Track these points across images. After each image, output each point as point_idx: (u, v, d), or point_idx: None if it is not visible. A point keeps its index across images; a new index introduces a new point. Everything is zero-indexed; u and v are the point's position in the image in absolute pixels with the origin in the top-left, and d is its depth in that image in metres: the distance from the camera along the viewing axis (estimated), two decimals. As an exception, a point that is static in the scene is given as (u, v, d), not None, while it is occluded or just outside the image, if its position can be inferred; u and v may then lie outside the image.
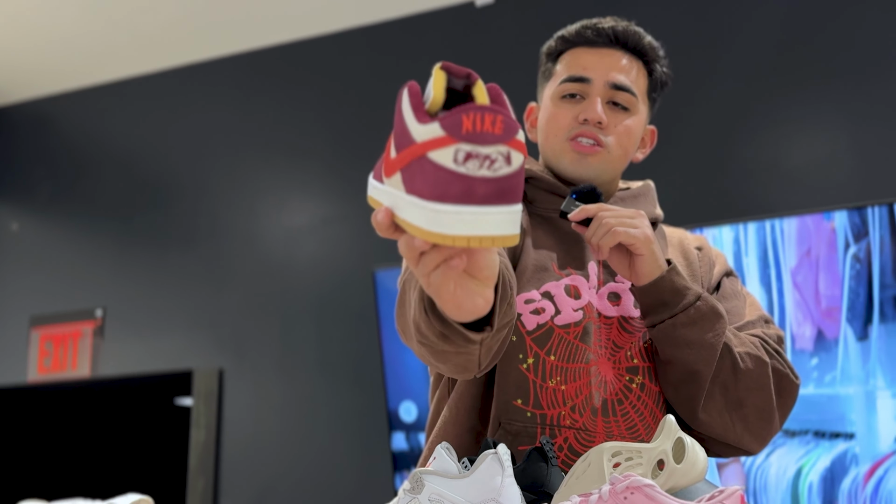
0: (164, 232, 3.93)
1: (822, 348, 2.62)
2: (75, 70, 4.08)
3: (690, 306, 1.38)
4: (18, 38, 3.81)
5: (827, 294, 2.63)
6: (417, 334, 1.20)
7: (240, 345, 3.68)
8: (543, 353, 1.43)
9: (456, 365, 1.23)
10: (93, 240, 4.07)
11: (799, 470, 2.62)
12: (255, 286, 3.70)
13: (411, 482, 1.00)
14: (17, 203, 4.29)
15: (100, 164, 4.14)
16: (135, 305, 3.91)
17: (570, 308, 1.45)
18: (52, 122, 4.29)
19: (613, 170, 1.57)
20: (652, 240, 1.38)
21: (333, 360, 3.49)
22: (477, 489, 0.98)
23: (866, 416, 2.57)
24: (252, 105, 3.87)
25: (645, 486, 0.89)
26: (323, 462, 3.43)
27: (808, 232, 2.68)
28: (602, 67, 1.54)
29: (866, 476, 2.55)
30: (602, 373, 1.44)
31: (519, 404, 1.42)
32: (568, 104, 1.55)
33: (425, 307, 1.13)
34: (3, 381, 4.12)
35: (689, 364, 1.40)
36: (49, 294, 4.10)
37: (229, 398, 3.66)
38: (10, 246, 4.25)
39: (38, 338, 4.07)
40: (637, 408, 1.44)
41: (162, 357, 3.81)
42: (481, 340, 1.13)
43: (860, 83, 2.91)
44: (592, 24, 1.57)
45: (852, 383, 2.59)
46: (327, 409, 3.47)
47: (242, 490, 3.56)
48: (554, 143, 1.56)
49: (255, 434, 3.59)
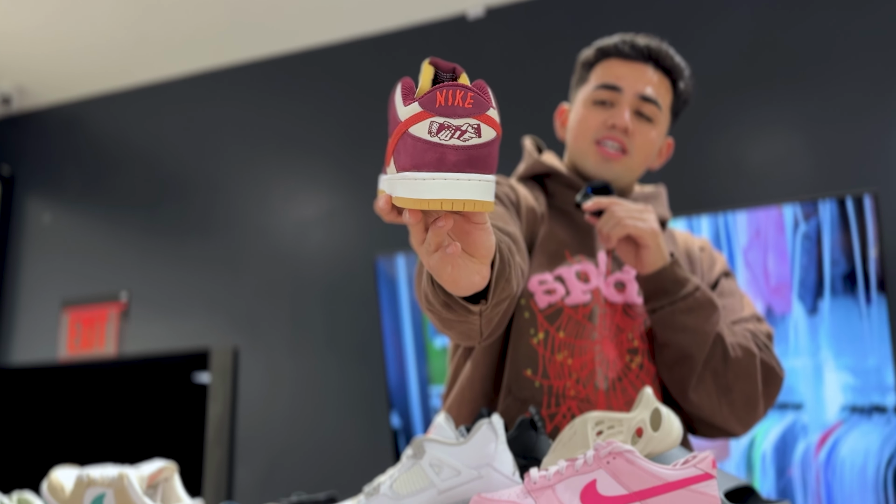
0: (184, 222, 3.93)
1: (772, 323, 2.58)
2: (102, 76, 4.06)
3: (689, 295, 1.40)
4: (51, 47, 3.80)
5: (776, 272, 2.63)
6: (426, 303, 1.20)
7: (253, 325, 3.68)
8: (553, 330, 1.45)
9: (460, 333, 1.23)
10: (118, 230, 4.06)
11: (752, 440, 2.60)
12: (267, 272, 3.70)
13: (413, 448, 1.00)
14: (49, 196, 4.28)
15: (124, 161, 4.14)
16: (157, 289, 3.91)
17: (579, 291, 1.47)
18: (81, 123, 4.28)
19: (632, 175, 1.58)
20: (657, 233, 1.40)
21: (339, 338, 3.50)
22: (473, 455, 0.98)
23: (814, 388, 2.55)
24: (264, 107, 3.86)
25: (625, 452, 0.89)
26: (329, 432, 3.44)
27: (757, 215, 2.68)
28: (633, 79, 1.55)
29: (818, 445, 2.54)
30: (606, 352, 1.46)
31: (528, 374, 1.43)
32: (598, 109, 1.55)
33: (432, 279, 1.14)
34: (36, 360, 4.12)
35: (684, 348, 1.41)
36: (78, 279, 4.10)
37: (244, 375, 3.66)
38: (43, 235, 4.25)
39: (67, 319, 4.07)
40: (635, 385, 1.45)
41: (182, 337, 3.82)
42: (480, 312, 1.14)
43: (813, 88, 2.92)
44: (629, 40, 1.58)
45: (801, 356, 2.56)
46: (333, 384, 3.48)
47: (256, 459, 3.57)
48: (581, 143, 1.57)
49: (268, 407, 3.59)
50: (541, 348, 1.44)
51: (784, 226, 2.62)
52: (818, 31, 2.96)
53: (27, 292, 4.21)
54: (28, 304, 4.20)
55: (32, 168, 4.35)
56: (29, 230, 4.29)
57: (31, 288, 4.21)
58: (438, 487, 0.97)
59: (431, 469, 0.98)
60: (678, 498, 0.86)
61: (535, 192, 1.58)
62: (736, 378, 1.43)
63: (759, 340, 1.48)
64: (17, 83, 4.16)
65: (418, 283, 1.29)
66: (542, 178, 1.61)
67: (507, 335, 1.47)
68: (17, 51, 3.86)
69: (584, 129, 1.56)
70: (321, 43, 3.78)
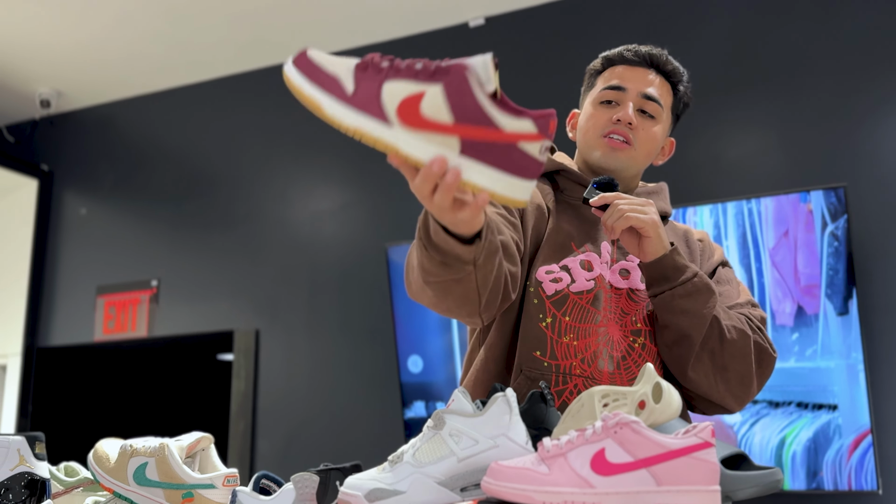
0: (209, 215, 3.92)
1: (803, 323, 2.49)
2: (133, 81, 4.06)
3: (688, 281, 1.40)
4: (85, 55, 3.79)
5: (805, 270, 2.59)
6: (423, 274, 1.23)
7: (273, 309, 3.68)
8: (560, 315, 1.46)
9: (459, 297, 1.25)
10: (148, 222, 4.06)
11: (783, 439, 2.51)
12: (286, 260, 3.70)
13: (434, 420, 1.00)
14: (85, 192, 4.28)
15: (154, 159, 4.13)
16: (184, 276, 3.91)
17: (583, 278, 1.48)
18: (114, 124, 4.27)
19: (636, 166, 1.59)
20: (658, 225, 1.40)
21: (352, 321, 3.50)
22: (489, 426, 0.98)
23: (849, 389, 2.45)
24: (282, 110, 3.85)
25: (631, 423, 0.89)
26: (343, 407, 3.44)
27: (783, 212, 2.66)
28: (636, 81, 1.57)
29: (850, 448, 2.45)
30: (611, 334, 1.46)
31: (538, 355, 1.44)
32: (605, 108, 1.57)
33: (425, 245, 1.18)
34: (74, 341, 4.12)
35: (683, 329, 1.41)
36: (112, 267, 4.09)
37: (264, 354, 3.66)
38: (79, 228, 4.25)
39: (102, 304, 4.07)
40: (638, 363, 1.46)
41: (207, 320, 3.82)
42: (474, 259, 1.17)
43: (785, 92, 2.92)
44: (633, 48, 1.61)
45: (833, 357, 2.45)
46: (347, 362, 3.48)
47: (276, 431, 3.57)
48: (590, 138, 1.58)
49: (286, 384, 3.59)
50: (549, 331, 1.45)
51: (813, 223, 2.54)
52: (791, 40, 2.95)
53: (65, 280, 4.21)
54: (66, 291, 4.19)
55: (69, 165, 4.34)
56: (66, 223, 4.28)
57: (69, 276, 4.20)
58: (458, 455, 0.97)
59: (451, 439, 0.97)
60: (681, 464, 0.86)
61: (545, 188, 1.59)
62: (731, 358, 1.42)
63: (754, 324, 1.48)
64: (56, 88, 4.15)
65: (408, 275, 1.33)
66: (553, 175, 1.62)
67: (517, 321, 1.48)
68: (56, 59, 3.85)
69: (592, 125, 1.57)
70: (336, 50, 3.77)
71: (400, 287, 3.17)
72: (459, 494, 0.96)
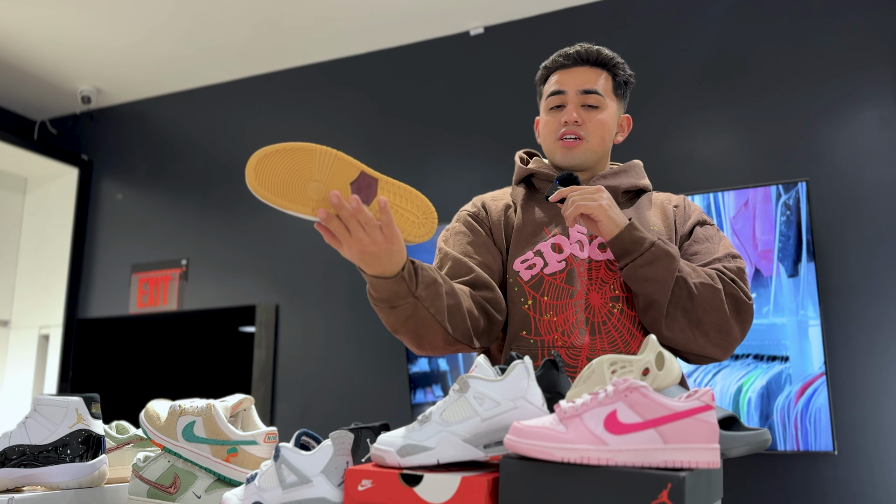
0: (234, 201, 3.90)
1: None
2: (165, 80, 4.03)
3: (646, 251, 1.39)
4: (123, 56, 3.76)
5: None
6: (391, 329, 1.35)
7: (292, 286, 3.67)
8: (539, 296, 1.47)
9: (424, 333, 1.36)
10: (178, 207, 4.04)
11: (740, 387, 2.53)
12: (304, 242, 3.69)
13: (459, 384, 0.99)
14: (121, 179, 4.25)
15: (184, 150, 4.10)
16: (211, 256, 3.89)
17: (555, 260, 1.50)
18: (149, 118, 4.24)
19: (595, 154, 1.59)
20: (606, 208, 1.40)
21: (363, 298, 3.49)
22: (509, 389, 0.97)
23: (799, 342, 2.47)
24: (298, 107, 3.83)
25: (640, 387, 0.88)
26: (353, 374, 3.44)
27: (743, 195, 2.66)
28: (572, 81, 1.58)
29: (798, 393, 2.48)
30: (591, 302, 1.46)
31: (524, 335, 1.45)
32: (554, 113, 1.59)
33: (375, 304, 1.31)
34: (111, 313, 4.10)
35: (649, 294, 1.41)
36: (145, 248, 4.07)
37: (283, 326, 3.65)
38: (116, 211, 4.22)
39: (137, 280, 4.05)
40: (617, 327, 1.45)
41: (232, 295, 3.80)
42: (411, 291, 1.28)
43: (752, 96, 2.91)
44: (563, 52, 1.61)
45: (784, 314, 2.47)
46: (358, 335, 3.47)
47: (293, 395, 3.57)
48: (548, 143, 1.60)
49: (303, 353, 3.59)
50: (531, 312, 1.47)
51: (769, 195, 2.54)
52: (758, 50, 2.95)
53: (102, 258, 4.19)
54: (103, 268, 4.17)
55: (107, 155, 4.31)
56: (104, 207, 4.26)
57: (106, 255, 4.18)
58: (481, 416, 0.96)
59: (475, 401, 0.97)
60: (685, 425, 0.86)
61: (518, 191, 1.63)
62: (704, 311, 1.41)
63: (727, 276, 1.46)
64: (96, 86, 4.12)
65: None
66: (530, 178, 1.65)
67: (506, 308, 1.51)
68: (96, 60, 3.82)
69: (547, 133, 1.60)
70: (346, 55, 3.75)
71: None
72: (483, 451, 0.96)
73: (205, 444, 1.20)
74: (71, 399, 1.27)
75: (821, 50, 2.85)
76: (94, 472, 1.25)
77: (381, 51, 3.67)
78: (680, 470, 0.84)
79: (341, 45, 3.66)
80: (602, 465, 0.85)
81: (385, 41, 3.62)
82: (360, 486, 0.97)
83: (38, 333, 4.23)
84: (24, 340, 4.25)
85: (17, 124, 4.39)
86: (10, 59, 3.83)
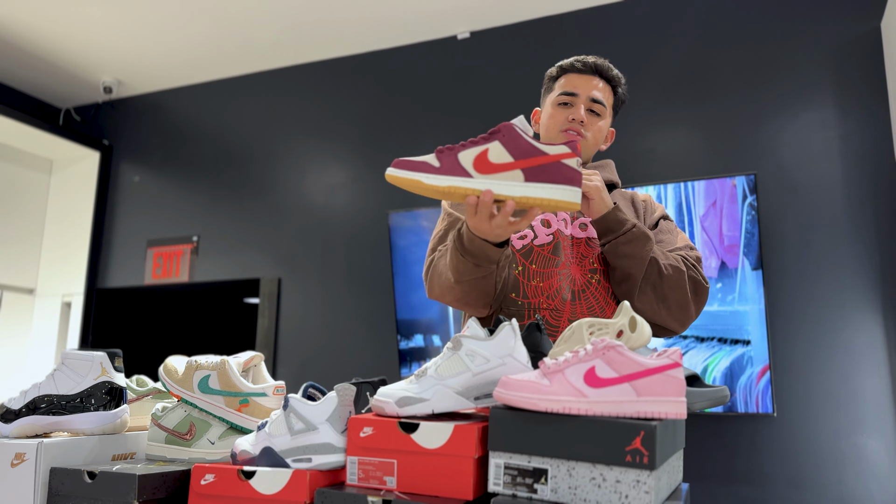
0: (241, 184, 3.86)
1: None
2: (181, 72, 3.97)
3: (628, 231, 1.41)
4: (142, 50, 3.69)
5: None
6: (456, 275, 1.35)
7: (293, 261, 3.64)
8: (528, 263, 1.48)
9: (480, 292, 1.38)
10: (190, 188, 3.99)
11: (706, 367, 2.53)
12: (304, 222, 3.66)
13: (453, 343, 0.98)
14: (139, 163, 4.18)
15: (196, 138, 4.05)
16: (220, 234, 3.85)
17: (543, 233, 1.50)
18: (164, 108, 4.18)
19: (588, 153, 1.61)
20: (600, 189, 1.42)
21: (357, 275, 3.47)
22: (498, 347, 0.96)
23: (760, 328, 2.48)
24: (303, 100, 3.79)
25: (616, 346, 0.88)
26: (348, 343, 3.43)
27: (714, 189, 2.66)
28: (585, 87, 1.57)
29: (759, 374, 2.49)
30: (573, 273, 1.47)
31: (513, 297, 1.45)
32: (562, 109, 1.58)
33: (461, 253, 1.30)
34: (127, 284, 4.05)
35: (626, 269, 1.41)
36: (160, 225, 4.02)
37: (285, 298, 3.63)
38: (133, 192, 4.16)
39: (152, 255, 4.00)
40: (595, 296, 1.46)
41: (238, 269, 3.77)
42: (499, 260, 1.28)
43: (708, 99, 2.92)
44: (581, 59, 1.60)
45: (748, 303, 2.47)
46: (352, 308, 3.46)
47: (293, 360, 3.55)
48: (552, 132, 1.59)
49: (302, 323, 3.56)
50: (521, 277, 1.47)
51: (736, 196, 2.54)
52: (713, 59, 2.95)
53: (121, 235, 4.13)
54: (122, 244, 4.11)
55: (126, 141, 4.24)
56: (123, 188, 4.19)
57: (124, 231, 4.12)
58: (473, 371, 0.95)
59: (467, 357, 0.96)
60: (656, 380, 0.85)
61: None
62: (670, 289, 1.43)
63: (689, 262, 1.49)
64: (117, 77, 4.04)
65: (434, 277, 1.45)
66: None
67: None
68: (118, 53, 3.76)
69: (553, 123, 1.58)
70: (346, 55, 3.71)
71: (398, 245, 3.14)
72: (473, 402, 0.95)
73: (219, 396, 1.18)
74: (96, 353, 1.25)
75: (769, 58, 2.85)
76: (117, 420, 1.23)
77: (371, 52, 3.63)
78: (651, 420, 0.83)
79: (341, 46, 3.61)
80: (582, 414, 0.84)
81: (374, 44, 3.57)
82: (362, 432, 0.96)
83: (61, 301, 4.17)
84: (49, 307, 4.19)
85: (44, 111, 4.31)
86: (40, 52, 3.75)
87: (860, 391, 2.53)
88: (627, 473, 0.81)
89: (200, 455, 1.17)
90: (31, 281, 4.23)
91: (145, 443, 1.26)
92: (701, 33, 2.99)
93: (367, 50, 3.65)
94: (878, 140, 2.65)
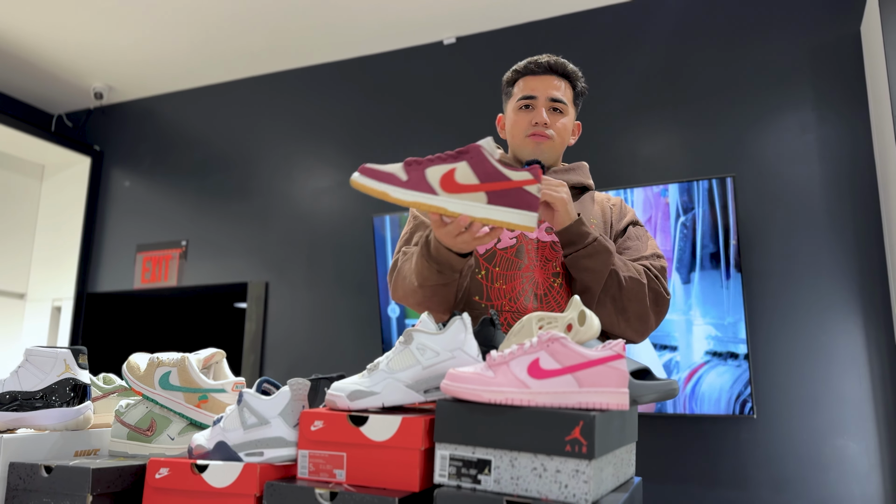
0: (229, 189, 3.86)
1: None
2: (170, 79, 3.98)
3: (589, 245, 1.40)
4: (132, 57, 3.70)
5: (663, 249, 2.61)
6: (420, 279, 1.37)
7: (280, 266, 3.64)
8: (491, 267, 1.48)
9: (442, 298, 1.40)
10: (179, 193, 3.99)
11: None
12: (291, 226, 3.66)
13: (404, 337, 0.99)
14: (128, 168, 4.19)
15: (186, 143, 4.05)
16: (208, 238, 3.85)
17: (507, 237, 1.51)
18: (154, 114, 4.18)
19: (556, 152, 1.59)
20: (566, 201, 1.41)
21: (343, 276, 3.47)
22: (448, 341, 0.97)
23: (686, 336, 2.56)
24: (290, 105, 3.80)
25: (560, 338, 0.88)
26: (334, 344, 3.42)
27: (649, 203, 2.67)
28: (543, 88, 1.56)
29: (686, 379, 2.55)
30: (536, 277, 1.47)
31: (477, 300, 1.45)
32: (524, 113, 1.57)
33: (426, 259, 1.33)
34: (117, 288, 4.05)
35: (585, 282, 1.42)
36: (149, 229, 4.02)
37: (272, 302, 3.62)
38: (123, 197, 4.16)
39: (141, 259, 4.00)
40: (556, 299, 1.46)
41: (226, 273, 3.77)
42: (461, 270, 1.32)
43: (688, 103, 2.93)
44: (535, 60, 1.59)
45: (677, 312, 2.58)
46: (338, 310, 3.45)
47: (280, 363, 3.55)
48: (517, 139, 1.59)
49: (289, 326, 3.56)
50: (484, 281, 1.47)
51: (669, 214, 2.61)
52: (693, 65, 2.96)
53: (110, 239, 4.13)
54: (111, 248, 4.12)
55: (117, 146, 4.25)
56: (113, 193, 4.20)
57: (114, 236, 4.13)
58: (423, 364, 0.96)
59: (418, 351, 0.96)
60: (598, 371, 0.85)
61: None
62: (629, 301, 1.42)
63: (652, 273, 1.48)
64: (107, 83, 4.05)
65: (398, 279, 1.47)
66: None
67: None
68: (108, 59, 3.77)
69: (518, 130, 1.58)
70: (333, 60, 3.72)
71: (381, 249, 3.15)
72: (423, 395, 0.95)
73: (179, 392, 1.18)
74: (60, 350, 1.25)
75: (749, 63, 2.86)
76: (80, 416, 1.23)
77: (359, 57, 3.64)
78: (591, 410, 0.83)
79: (328, 51, 3.62)
80: (524, 405, 0.85)
81: (362, 49, 3.59)
82: (313, 426, 0.96)
83: (51, 305, 4.17)
84: (39, 311, 4.18)
85: (36, 117, 4.32)
86: (32, 58, 3.76)
87: (840, 393, 2.52)
88: (567, 463, 0.81)
89: (160, 451, 1.17)
90: (21, 286, 4.23)
91: (109, 439, 1.26)
92: (680, 38, 3.00)
93: (353, 55, 3.66)
94: (857, 143, 2.66)
